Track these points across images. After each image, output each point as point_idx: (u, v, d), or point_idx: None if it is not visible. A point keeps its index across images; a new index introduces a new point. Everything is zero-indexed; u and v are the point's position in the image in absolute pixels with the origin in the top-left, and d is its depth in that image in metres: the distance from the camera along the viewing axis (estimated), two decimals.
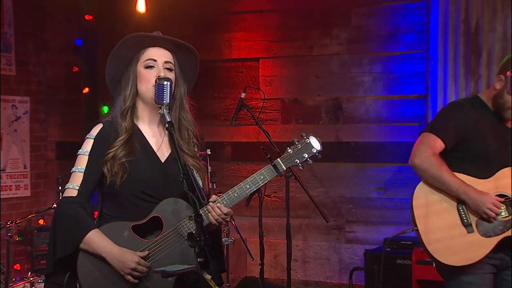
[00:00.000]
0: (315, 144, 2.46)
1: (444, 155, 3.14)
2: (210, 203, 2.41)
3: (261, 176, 2.46)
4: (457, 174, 3.07)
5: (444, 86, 4.68)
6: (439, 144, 3.11)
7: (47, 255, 2.51)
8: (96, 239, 2.39)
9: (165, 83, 2.38)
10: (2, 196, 5.53)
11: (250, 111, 4.34)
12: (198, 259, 2.16)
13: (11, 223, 4.34)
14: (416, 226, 3.09)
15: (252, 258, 4.48)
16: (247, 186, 2.45)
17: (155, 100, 2.40)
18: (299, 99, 5.19)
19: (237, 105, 4.43)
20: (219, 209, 2.41)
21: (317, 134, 2.56)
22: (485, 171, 3.08)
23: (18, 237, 4.80)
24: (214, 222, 2.41)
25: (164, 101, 2.37)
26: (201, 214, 2.25)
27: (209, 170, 2.71)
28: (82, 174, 2.47)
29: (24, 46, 5.76)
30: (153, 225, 2.44)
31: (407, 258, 4.29)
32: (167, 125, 2.34)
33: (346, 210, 5.03)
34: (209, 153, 2.94)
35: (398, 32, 4.85)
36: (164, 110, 2.36)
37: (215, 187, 4.36)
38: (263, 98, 4.83)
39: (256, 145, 5.18)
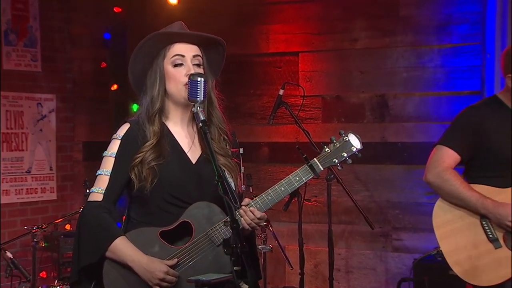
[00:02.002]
0: (355, 142, 2.45)
1: (465, 167, 3.08)
2: (243, 207, 2.42)
3: (297, 177, 2.45)
4: (476, 186, 3.00)
5: (501, 81, 4.59)
6: (453, 157, 3.06)
7: (71, 263, 2.55)
8: (122, 247, 2.41)
9: (199, 79, 2.39)
10: (27, 200, 5.65)
11: (288, 109, 4.34)
12: (235, 268, 2.17)
13: (37, 228, 4.42)
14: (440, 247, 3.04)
15: (291, 267, 4.47)
16: (282, 188, 2.44)
17: (188, 98, 2.41)
18: (341, 96, 5.16)
19: (275, 103, 4.44)
20: (252, 213, 2.41)
21: (361, 133, 2.54)
22: (508, 178, 2.99)
23: (44, 243, 4.88)
24: (247, 227, 2.42)
25: (198, 99, 2.38)
26: (237, 220, 2.25)
27: (242, 171, 2.70)
28: (108, 177, 2.49)
29: (50, 40, 5.85)
30: (183, 230, 2.45)
31: None
32: (200, 124, 2.34)
33: (393, 216, 4.98)
34: (242, 152, 2.96)
35: (451, 23, 4.78)
36: (198, 108, 2.37)
37: (251, 191, 4.37)
38: (302, 95, 4.81)
39: (295, 146, 5.16)
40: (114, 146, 2.52)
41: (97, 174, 2.55)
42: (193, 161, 2.53)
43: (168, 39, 2.53)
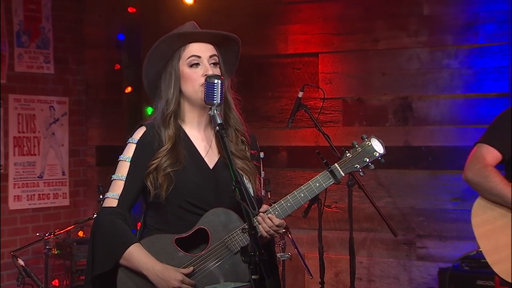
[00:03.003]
0: (378, 147, 2.44)
1: (505, 166, 3.08)
2: (261, 214, 2.42)
3: (317, 183, 2.44)
4: None
5: None
6: (494, 155, 3.08)
7: (85, 271, 2.55)
8: (137, 255, 2.41)
9: (216, 81, 2.39)
10: (39, 205, 5.69)
11: (308, 112, 4.34)
12: (253, 277, 2.17)
13: (49, 235, 4.46)
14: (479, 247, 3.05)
15: (311, 275, 4.46)
16: (301, 194, 2.44)
17: (204, 100, 2.41)
18: (363, 99, 5.15)
19: (294, 106, 4.44)
20: (271, 220, 2.41)
21: (384, 137, 2.54)
22: None
23: (56, 250, 4.91)
24: (265, 234, 2.42)
25: (215, 101, 2.39)
26: (255, 227, 2.25)
27: (262, 175, 2.71)
28: (123, 182, 2.50)
29: (63, 42, 5.88)
30: (199, 238, 2.45)
31: (489, 278, 4.16)
32: (217, 127, 2.35)
33: (417, 223, 4.95)
34: (263, 156, 2.96)
35: (477, 22, 4.75)
36: (215, 111, 2.37)
37: (269, 196, 4.37)
38: (322, 97, 4.81)
39: (315, 150, 5.16)
40: (129, 150, 2.53)
41: (111, 179, 2.55)
42: (211, 166, 2.53)
43: (183, 39, 2.53)
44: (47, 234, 4.47)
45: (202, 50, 2.52)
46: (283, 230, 2.51)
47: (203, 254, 2.44)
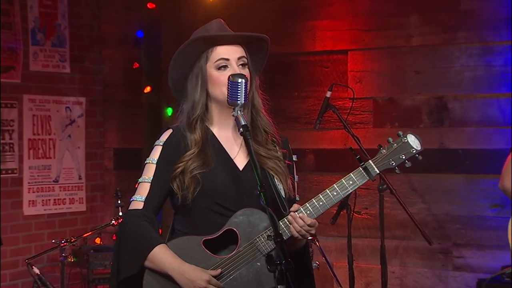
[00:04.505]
0: (415, 143, 2.45)
1: None
2: (291, 213, 2.44)
3: (350, 181, 2.47)
4: None
5: None
6: None
7: (110, 275, 2.59)
8: (161, 256, 2.45)
9: (239, 80, 2.42)
10: (55, 211, 5.74)
11: (336, 113, 4.33)
12: (279, 287, 2.18)
13: (65, 242, 4.50)
14: None
15: (340, 286, 4.46)
16: (334, 193, 2.46)
17: (227, 101, 2.44)
18: (395, 99, 5.13)
19: (322, 106, 4.44)
20: (302, 219, 2.43)
21: None
22: None
23: (73, 258, 4.95)
24: (297, 235, 2.44)
25: (239, 102, 2.41)
26: (281, 234, 2.26)
27: (296, 179, 2.73)
28: (149, 184, 2.55)
29: (79, 39, 5.92)
30: (228, 239, 2.48)
31: None
32: (241, 129, 2.37)
33: (453, 230, 4.92)
34: (296, 159, 2.98)
35: None
36: (239, 112, 2.40)
37: (297, 200, 4.38)
38: (352, 97, 4.80)
39: (343, 153, 5.17)
40: (155, 153, 2.59)
41: (138, 181, 2.61)
42: (240, 168, 2.57)
43: (210, 42, 2.57)
44: (63, 241, 4.50)
45: (230, 53, 2.57)
46: (310, 237, 2.52)
47: (232, 256, 2.47)
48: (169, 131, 2.62)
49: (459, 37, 4.90)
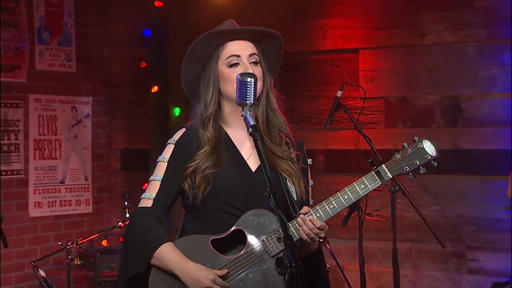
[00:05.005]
0: (430, 149, 2.47)
1: None
2: (301, 215, 2.45)
3: (362, 185, 2.48)
4: None
5: None
6: None
7: (118, 273, 2.62)
8: (167, 254, 2.47)
9: (249, 80, 2.42)
10: (61, 213, 5.76)
11: (347, 113, 4.33)
12: None
13: (72, 244, 4.51)
14: None
15: None
16: (345, 196, 2.48)
17: (236, 101, 2.45)
18: (407, 98, 5.12)
19: (332, 106, 4.44)
20: (312, 222, 2.44)
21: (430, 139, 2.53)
22: None
23: (79, 260, 4.96)
24: (306, 237, 2.45)
25: (248, 101, 2.42)
26: (290, 236, 2.26)
27: (311, 183, 2.73)
28: (159, 183, 2.57)
29: (85, 38, 5.95)
30: (236, 239, 2.49)
31: None
32: (250, 129, 2.37)
33: (467, 233, 4.91)
34: (310, 163, 3.00)
35: None
36: (247, 111, 2.40)
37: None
38: (363, 97, 4.79)
39: (355, 153, 5.16)
40: (167, 151, 2.61)
41: (149, 179, 2.63)
42: (253, 169, 2.58)
43: (220, 38, 2.58)
44: (69, 243, 4.52)
45: (241, 49, 2.58)
46: (321, 239, 2.52)
47: (239, 256, 2.47)
48: (182, 130, 2.64)
49: (473, 34, 4.88)
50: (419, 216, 4.06)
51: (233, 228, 2.49)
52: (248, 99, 2.41)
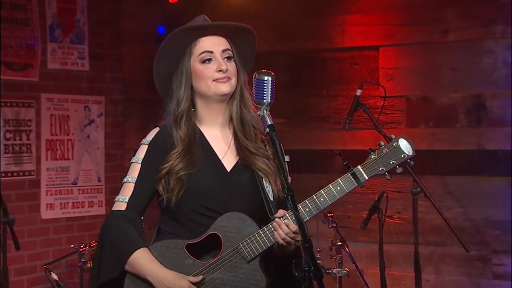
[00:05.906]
0: (406, 148, 2.50)
1: None
2: (277, 219, 2.46)
3: (338, 187, 2.50)
4: None
5: None
6: None
7: (90, 277, 2.62)
8: (141, 260, 2.48)
9: (266, 78, 2.43)
10: (73, 215, 5.78)
11: (367, 112, 4.33)
12: None
13: (84, 246, 4.54)
14: None
15: None
16: (321, 199, 2.50)
17: (253, 100, 2.46)
18: (429, 97, 5.10)
19: (352, 105, 4.44)
20: (287, 226, 2.45)
21: (454, 140, 2.53)
22: None
23: (92, 263, 4.99)
24: (281, 241, 2.46)
25: (265, 100, 2.42)
26: (309, 239, 2.27)
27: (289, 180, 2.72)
28: (133, 185, 2.58)
29: (99, 36, 5.96)
30: (212, 244, 2.50)
31: None
32: (267, 129, 2.38)
33: (492, 236, 4.88)
34: (288, 160, 3.02)
35: None
36: (265, 111, 2.41)
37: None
38: (383, 95, 4.78)
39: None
40: (141, 152, 2.63)
41: (123, 181, 2.64)
42: (228, 168, 2.59)
43: (192, 34, 2.61)
44: (82, 246, 4.55)
45: (214, 45, 2.59)
46: (340, 243, 2.53)
47: (215, 262, 2.49)
48: (156, 130, 2.65)
49: (498, 31, 4.86)
50: (441, 219, 4.06)
51: (208, 232, 2.49)
52: (265, 98, 2.42)
